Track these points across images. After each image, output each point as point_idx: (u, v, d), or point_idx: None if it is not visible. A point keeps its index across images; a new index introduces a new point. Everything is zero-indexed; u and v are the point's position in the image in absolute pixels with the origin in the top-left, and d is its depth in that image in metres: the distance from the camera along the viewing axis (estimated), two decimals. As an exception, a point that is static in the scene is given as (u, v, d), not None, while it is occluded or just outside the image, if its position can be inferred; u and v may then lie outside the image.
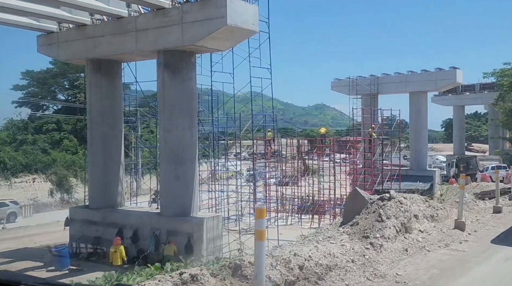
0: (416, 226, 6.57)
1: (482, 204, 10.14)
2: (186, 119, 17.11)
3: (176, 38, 16.29)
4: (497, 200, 10.17)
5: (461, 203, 7.58)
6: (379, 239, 5.63)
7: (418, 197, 7.92)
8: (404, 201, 6.66)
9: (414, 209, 6.90)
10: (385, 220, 6.03)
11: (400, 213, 6.33)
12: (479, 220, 8.70)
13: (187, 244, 16.34)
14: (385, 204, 6.31)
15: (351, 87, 37.57)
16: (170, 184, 17.15)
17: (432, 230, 6.89)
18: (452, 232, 7.23)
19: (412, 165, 37.56)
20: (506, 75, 41.79)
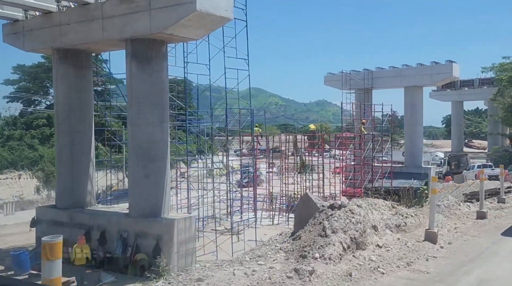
0: (374, 240, 5.45)
1: (465, 208, 9.01)
2: (156, 113, 15.96)
3: (143, 26, 15.12)
4: (481, 203, 9.04)
5: (433, 210, 6.45)
6: (316, 261, 4.50)
7: (383, 203, 6.79)
8: (357, 210, 5.51)
9: (374, 218, 5.77)
10: (330, 234, 4.91)
11: (350, 225, 5.20)
12: (458, 228, 7.57)
13: (155, 247, 15.26)
14: (333, 214, 5.18)
15: (344, 81, 36.42)
16: (138, 183, 16.04)
17: (395, 244, 5.77)
18: (420, 245, 6.10)
19: (407, 162, 36.42)
20: (505, 69, 40.47)
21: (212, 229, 23.05)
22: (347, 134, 26.92)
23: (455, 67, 33.94)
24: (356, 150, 25.21)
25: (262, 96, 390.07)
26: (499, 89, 42.08)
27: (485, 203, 10.73)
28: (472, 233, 7.40)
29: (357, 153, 26.38)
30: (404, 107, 36.14)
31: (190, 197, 22.72)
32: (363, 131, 25.62)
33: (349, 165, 26.88)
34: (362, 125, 25.80)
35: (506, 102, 41.56)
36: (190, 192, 23.06)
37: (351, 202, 6.05)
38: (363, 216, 5.49)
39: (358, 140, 25.59)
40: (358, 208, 5.61)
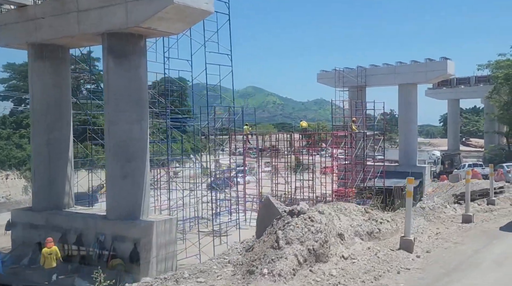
0: (339, 251, 4.81)
1: (451, 211, 8.37)
2: (134, 111, 15.30)
3: (120, 19, 14.44)
4: (467, 206, 8.37)
5: (409, 215, 5.80)
6: (264, 278, 3.86)
7: (354, 208, 6.14)
8: (318, 218, 4.86)
9: (342, 225, 5.13)
10: (283, 246, 4.27)
11: (309, 234, 4.56)
12: (440, 233, 6.92)
13: (133, 251, 14.59)
14: (290, 222, 4.53)
15: (337, 79, 35.77)
16: (116, 183, 15.38)
17: (363, 254, 5.12)
18: (394, 255, 5.45)
19: (401, 161, 35.77)
20: (501, 67, 39.78)
21: (199, 230, 22.40)
22: (338, 133, 26.28)
23: (450, 64, 33.30)
24: (347, 149, 24.54)
25: (260, 95, 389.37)
26: (495, 87, 41.42)
27: (473, 205, 10.09)
28: (454, 239, 6.75)
29: (349, 152, 25.74)
30: (398, 105, 35.52)
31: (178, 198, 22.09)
32: (354, 130, 24.97)
33: (340, 164, 26.23)
34: (352, 123, 25.15)
35: (502, 100, 40.88)
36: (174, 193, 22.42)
37: (313, 208, 5.41)
38: (325, 224, 4.82)
39: (349, 139, 24.94)
40: (320, 215, 4.94)
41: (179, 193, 22.42)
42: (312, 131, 30.54)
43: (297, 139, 29.91)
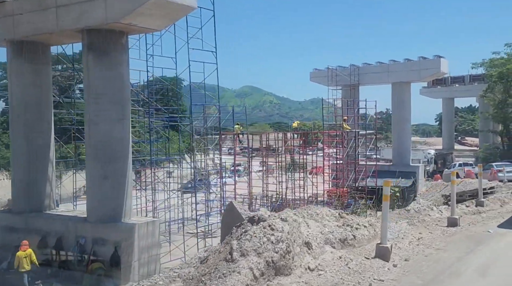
0: (305, 262, 4.38)
1: (436, 214, 7.97)
2: (116, 110, 14.81)
3: (99, 15, 13.95)
4: (452, 209, 7.96)
5: (385, 220, 5.37)
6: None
7: (327, 212, 5.70)
8: (279, 226, 4.41)
9: (311, 232, 4.69)
10: (237, 259, 3.83)
11: (268, 245, 4.12)
12: (422, 238, 6.50)
13: (113, 254, 14.11)
14: (247, 231, 4.09)
15: (330, 77, 35.39)
16: (96, 184, 14.88)
17: (333, 264, 4.69)
18: (368, 264, 5.02)
19: (394, 160, 35.46)
20: (495, 65, 39.52)
21: (188, 232, 21.98)
22: (330, 132, 25.88)
23: (443, 62, 32.97)
24: (339, 148, 24.12)
25: (257, 94, 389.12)
26: (489, 85, 41.19)
27: (461, 207, 9.71)
28: (437, 245, 6.33)
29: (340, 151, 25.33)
30: (391, 104, 35.19)
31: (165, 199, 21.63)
32: (345, 128, 24.56)
33: (332, 164, 25.82)
34: (344, 122, 24.74)
35: (496, 99, 40.64)
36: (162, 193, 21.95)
37: (276, 214, 4.96)
38: (288, 233, 4.37)
39: (340, 138, 24.54)
40: (282, 223, 4.49)
41: (167, 194, 21.96)
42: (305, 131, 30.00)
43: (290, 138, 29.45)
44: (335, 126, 24.33)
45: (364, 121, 27.83)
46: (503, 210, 10.38)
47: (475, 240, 6.90)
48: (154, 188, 20.17)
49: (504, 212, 10.08)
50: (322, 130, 25.36)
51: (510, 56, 38.96)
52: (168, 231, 20.13)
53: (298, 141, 25.26)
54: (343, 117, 24.96)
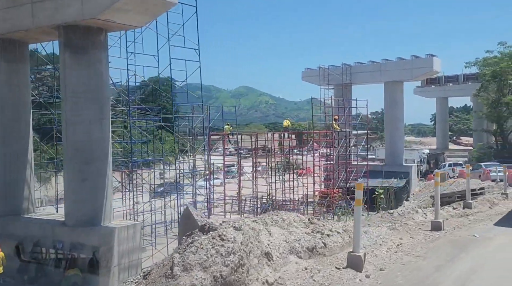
0: (263, 275, 3.91)
1: (420, 217, 7.54)
2: (94, 110, 14.27)
3: (75, 11, 13.41)
4: (436, 211, 7.51)
5: (358, 226, 4.91)
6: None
7: (295, 218, 5.23)
8: (231, 236, 3.93)
9: (272, 241, 4.22)
10: (179, 274, 3.37)
11: (216, 258, 3.65)
12: (402, 244, 6.04)
13: (91, 260, 13.57)
14: (194, 242, 3.62)
15: (322, 77, 34.99)
16: (74, 187, 14.34)
17: (297, 277, 4.22)
18: (337, 276, 4.55)
19: (387, 160, 35.10)
20: (489, 64, 39.27)
21: (174, 234, 21.49)
22: (320, 132, 25.44)
23: (436, 61, 32.64)
24: (329, 148, 23.66)
25: (252, 94, 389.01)
26: (483, 84, 40.95)
27: (448, 210, 9.28)
28: (417, 251, 5.87)
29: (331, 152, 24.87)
30: (384, 103, 34.83)
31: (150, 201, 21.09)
32: (336, 128, 24.13)
33: (323, 164, 25.39)
34: (334, 121, 24.31)
35: (490, 98, 40.41)
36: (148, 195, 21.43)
37: (230, 222, 4.48)
38: (241, 243, 3.89)
39: (331, 138, 24.11)
40: (234, 232, 4.01)
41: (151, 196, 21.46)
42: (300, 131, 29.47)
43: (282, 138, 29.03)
44: (325, 126, 23.85)
45: (356, 120, 27.39)
46: (492, 212, 9.96)
47: (459, 246, 6.45)
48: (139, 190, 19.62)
49: (493, 214, 9.67)
50: (313, 130, 24.91)
51: (503, 55, 38.71)
52: (154, 233, 19.63)
53: (289, 141, 24.77)
54: (333, 116, 24.53)
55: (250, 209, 25.86)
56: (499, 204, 11.05)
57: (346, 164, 24.11)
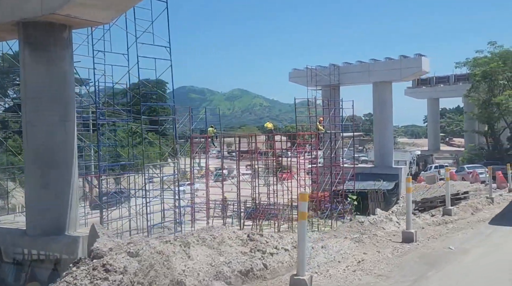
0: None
1: (393, 226, 6.74)
2: (57, 111, 13.43)
3: (34, 6, 12.60)
4: (407, 221, 6.70)
5: (302, 243, 4.11)
6: None
7: (231, 234, 4.44)
8: (120, 265, 3.12)
9: (191, 266, 3.42)
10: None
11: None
12: (364, 261, 5.27)
13: (52, 272, 12.68)
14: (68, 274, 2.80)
15: (310, 77, 34.26)
16: (36, 193, 13.47)
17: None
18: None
19: (376, 162, 34.41)
20: (479, 64, 38.76)
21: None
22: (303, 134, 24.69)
23: (425, 61, 32.05)
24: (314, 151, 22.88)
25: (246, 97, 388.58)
26: (473, 85, 40.46)
27: (425, 217, 8.51)
28: (380, 269, 5.08)
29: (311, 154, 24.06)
30: (372, 104, 34.15)
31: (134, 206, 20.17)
32: (320, 130, 23.38)
33: (308, 167, 24.63)
34: (318, 123, 23.57)
35: (480, 98, 39.89)
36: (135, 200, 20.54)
37: (126, 245, 3.71)
38: (135, 274, 3.13)
39: (315, 140, 23.38)
40: (126, 260, 3.22)
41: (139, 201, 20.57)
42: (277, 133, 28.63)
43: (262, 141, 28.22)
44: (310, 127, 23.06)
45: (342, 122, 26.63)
46: (474, 219, 9.22)
47: (430, 261, 5.66)
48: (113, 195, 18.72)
49: (475, 221, 8.92)
50: (296, 132, 24.17)
51: (493, 55, 38.23)
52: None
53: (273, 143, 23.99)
54: (317, 118, 23.80)
55: (234, 214, 25.03)
56: (483, 210, 10.28)
57: (331, 166, 23.33)
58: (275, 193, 23.81)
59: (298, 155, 22.52)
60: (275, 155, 24.54)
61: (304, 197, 4.62)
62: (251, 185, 25.46)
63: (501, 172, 21.15)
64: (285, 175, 25.24)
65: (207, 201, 25.98)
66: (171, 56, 14.58)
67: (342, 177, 24.93)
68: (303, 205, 4.50)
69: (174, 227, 19.86)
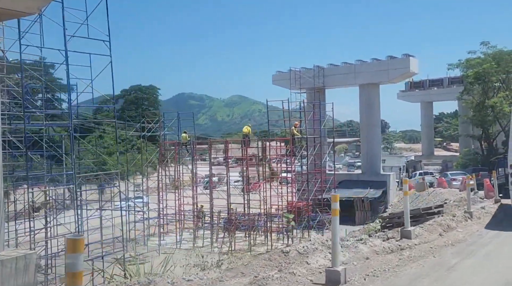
0: None
1: (321, 259, 4.98)
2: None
3: None
4: (334, 256, 4.75)
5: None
6: None
7: None
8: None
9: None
10: None
11: None
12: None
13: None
14: None
15: (293, 80, 32.61)
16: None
17: None
18: None
19: (364, 169, 32.64)
20: (472, 65, 37.06)
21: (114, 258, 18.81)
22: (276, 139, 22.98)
23: (413, 61, 30.40)
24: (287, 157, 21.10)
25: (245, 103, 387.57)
26: (466, 87, 38.75)
27: (374, 243, 6.64)
28: None
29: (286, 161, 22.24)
30: (359, 108, 32.43)
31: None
32: (295, 134, 21.67)
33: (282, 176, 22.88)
34: (294, 127, 21.86)
35: (474, 101, 38.13)
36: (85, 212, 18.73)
37: None
38: None
39: (290, 145, 21.65)
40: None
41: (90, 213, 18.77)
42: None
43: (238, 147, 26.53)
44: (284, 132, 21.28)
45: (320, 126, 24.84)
46: (440, 242, 7.40)
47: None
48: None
49: (440, 246, 7.11)
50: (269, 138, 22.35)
51: (486, 56, 36.57)
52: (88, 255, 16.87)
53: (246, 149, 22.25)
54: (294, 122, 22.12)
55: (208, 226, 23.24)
56: (457, 228, 8.48)
57: (308, 174, 21.52)
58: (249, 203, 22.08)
59: (270, 162, 20.79)
60: (265, 161, 22.74)
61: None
62: (227, 193, 23.64)
63: (488, 180, 19.41)
64: (253, 185, 23.41)
65: (179, 212, 24.22)
66: (110, 51, 12.90)
67: (321, 184, 23.15)
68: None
69: (124, 246, 17.92)
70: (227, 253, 19.85)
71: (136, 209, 20.38)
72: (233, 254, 19.59)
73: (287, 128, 21.47)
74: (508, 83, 36.29)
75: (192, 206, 24.49)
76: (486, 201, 14.95)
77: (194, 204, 23.58)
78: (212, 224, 22.64)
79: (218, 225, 22.95)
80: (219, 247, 20.66)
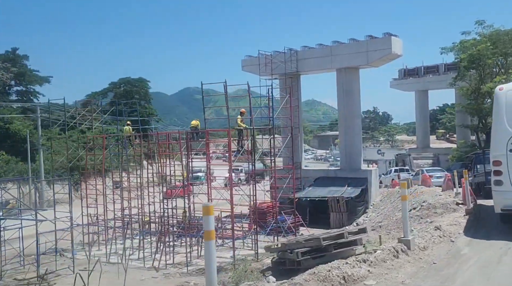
0: None
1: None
2: None
3: None
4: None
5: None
6: None
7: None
8: None
9: None
10: None
11: None
12: None
13: None
14: None
15: (263, 65, 29.19)
16: None
17: None
18: None
19: (342, 164, 29.22)
20: (466, 47, 33.24)
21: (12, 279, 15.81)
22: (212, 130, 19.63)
23: (395, 41, 26.76)
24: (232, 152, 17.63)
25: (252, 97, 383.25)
26: (459, 72, 35.01)
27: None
28: None
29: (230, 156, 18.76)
30: (337, 95, 28.89)
31: None
32: (240, 125, 18.31)
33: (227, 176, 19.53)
34: (239, 117, 18.48)
35: (469, 88, 34.34)
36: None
37: None
38: None
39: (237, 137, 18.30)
40: None
41: None
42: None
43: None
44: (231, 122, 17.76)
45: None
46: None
47: None
48: None
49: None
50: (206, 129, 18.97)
51: (482, 36, 32.74)
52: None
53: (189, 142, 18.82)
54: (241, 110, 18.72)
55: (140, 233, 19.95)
56: (365, 280, 4.62)
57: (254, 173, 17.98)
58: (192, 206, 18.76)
59: (208, 158, 17.35)
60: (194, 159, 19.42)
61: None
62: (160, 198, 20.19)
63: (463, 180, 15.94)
64: (174, 190, 19.98)
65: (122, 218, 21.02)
66: None
67: (294, 182, 19.71)
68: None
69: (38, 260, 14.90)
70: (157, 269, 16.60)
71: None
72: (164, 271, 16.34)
73: (231, 118, 18.02)
74: (507, 67, 32.42)
75: (138, 210, 21.23)
76: (460, 209, 11.42)
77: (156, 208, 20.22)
78: (143, 232, 19.39)
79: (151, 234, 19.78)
80: (157, 259, 17.41)
